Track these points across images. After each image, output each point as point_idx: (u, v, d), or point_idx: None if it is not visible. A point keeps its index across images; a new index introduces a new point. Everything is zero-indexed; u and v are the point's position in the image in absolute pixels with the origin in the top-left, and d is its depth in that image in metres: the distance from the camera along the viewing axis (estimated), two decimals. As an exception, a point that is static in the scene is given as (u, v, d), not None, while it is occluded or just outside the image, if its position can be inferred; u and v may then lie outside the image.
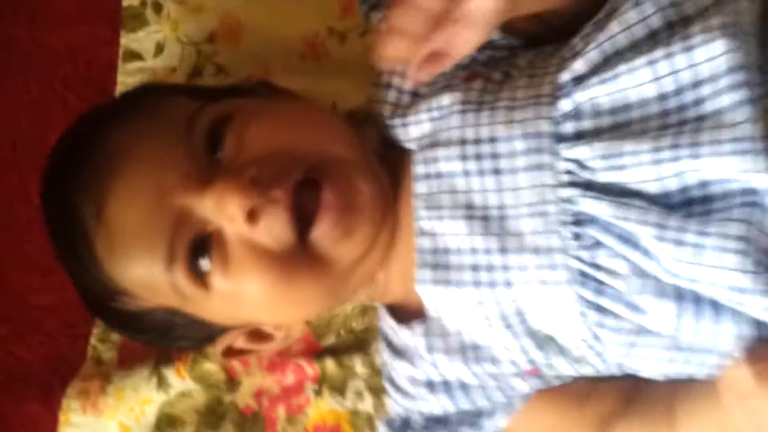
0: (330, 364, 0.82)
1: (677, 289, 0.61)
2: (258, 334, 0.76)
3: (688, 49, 0.60)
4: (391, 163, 0.73)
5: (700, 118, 0.60)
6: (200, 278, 0.67)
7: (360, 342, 0.83)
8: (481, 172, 0.66)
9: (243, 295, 0.67)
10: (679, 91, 0.61)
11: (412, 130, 0.72)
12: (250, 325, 0.75)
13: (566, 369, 0.69)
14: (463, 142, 0.67)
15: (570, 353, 0.67)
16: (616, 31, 0.63)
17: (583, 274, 0.63)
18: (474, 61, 0.73)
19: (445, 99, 0.69)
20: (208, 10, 0.92)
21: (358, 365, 0.82)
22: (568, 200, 0.63)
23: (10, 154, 0.96)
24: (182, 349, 0.85)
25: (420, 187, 0.69)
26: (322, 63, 0.90)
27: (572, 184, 0.63)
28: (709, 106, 0.60)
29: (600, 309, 0.63)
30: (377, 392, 0.81)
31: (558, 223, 0.63)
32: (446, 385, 0.71)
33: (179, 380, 0.85)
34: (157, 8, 0.93)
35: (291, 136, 0.69)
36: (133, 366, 0.86)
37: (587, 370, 0.69)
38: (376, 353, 0.82)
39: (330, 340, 0.84)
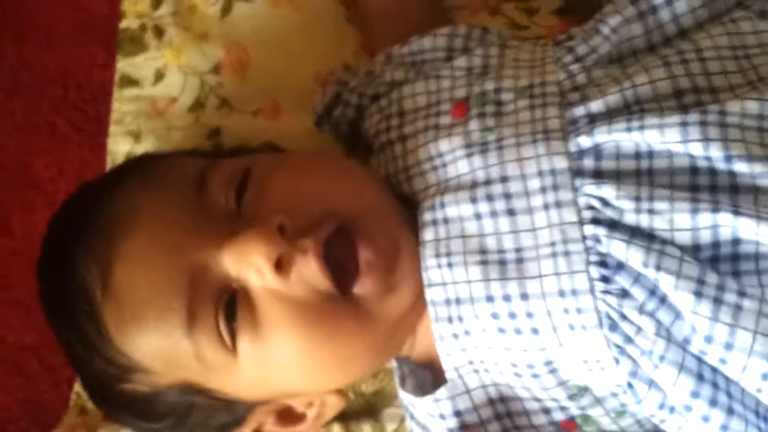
0: (337, 430, 0.77)
1: (699, 367, 0.59)
2: (287, 415, 0.70)
3: (723, 125, 0.58)
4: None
5: (735, 189, 0.58)
6: (227, 342, 0.61)
7: (370, 407, 0.78)
8: (494, 214, 0.62)
9: (277, 357, 0.62)
10: (708, 159, 0.59)
11: (416, 182, 0.68)
12: (279, 399, 0.69)
13: (605, 421, 0.65)
14: (473, 185, 0.63)
15: (608, 402, 0.64)
16: (641, 82, 0.61)
17: (611, 318, 0.60)
18: (439, 78, 0.70)
19: (444, 146, 0.65)
20: (214, 38, 0.86)
21: (368, 432, 0.77)
22: (593, 238, 0.60)
23: (-9, 182, 0.90)
24: None
25: (427, 234, 0.65)
26: (335, 103, 0.84)
27: (596, 222, 0.60)
28: (743, 181, 0.58)
29: (631, 357, 0.60)
30: (388, 463, 0.77)
31: (583, 263, 0.60)
32: None
33: (173, 438, 0.79)
34: (158, 33, 0.87)
35: (319, 186, 0.65)
36: (122, 420, 0.80)
37: (628, 423, 0.65)
38: (387, 420, 0.77)
39: (336, 402, 0.79)
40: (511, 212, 0.62)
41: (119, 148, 0.86)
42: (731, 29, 0.63)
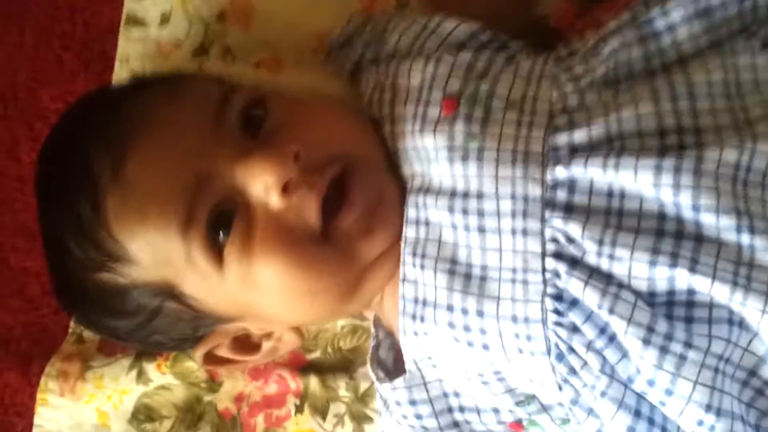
0: (314, 382, 0.81)
1: (638, 403, 0.61)
2: (243, 343, 0.74)
3: (698, 172, 0.58)
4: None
5: (699, 239, 0.59)
6: (216, 249, 0.64)
7: (346, 362, 0.82)
8: (467, 228, 0.64)
9: (258, 274, 0.64)
10: (677, 206, 0.59)
11: (404, 167, 0.69)
12: (245, 319, 0.71)
13: (551, 426, 0.68)
14: (452, 193, 0.65)
15: (554, 411, 0.67)
16: (626, 116, 0.61)
17: (559, 349, 0.62)
18: (439, 62, 0.69)
19: (429, 141, 0.66)
20: (219, -15, 0.86)
21: (342, 388, 0.81)
22: (553, 272, 0.61)
23: (0, 109, 0.92)
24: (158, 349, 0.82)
25: (409, 232, 0.67)
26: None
27: (558, 256, 0.61)
28: (708, 232, 0.58)
29: (574, 387, 0.62)
30: (359, 419, 0.81)
31: (539, 294, 0.62)
32: None
33: (159, 374, 0.84)
34: (166, -25, 0.87)
35: (333, 128, 0.68)
36: (114, 353, 0.85)
37: (574, 430, 0.68)
38: (362, 378, 0.81)
39: (315, 354, 0.83)
40: (481, 230, 0.63)
41: (123, 87, 0.87)
42: (728, 62, 0.61)
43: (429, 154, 0.66)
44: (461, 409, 0.69)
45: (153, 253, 0.65)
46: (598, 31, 0.67)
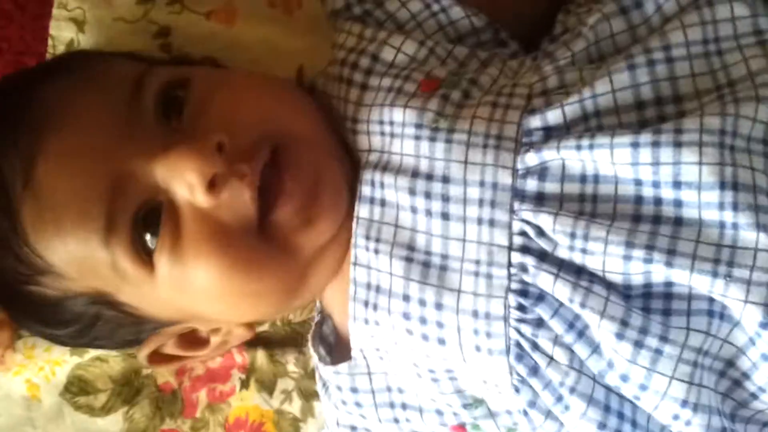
0: (261, 357, 0.77)
1: (607, 398, 0.58)
2: (190, 339, 0.69)
3: (678, 144, 0.54)
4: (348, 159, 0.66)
5: (678, 222, 0.55)
6: (144, 255, 0.59)
7: (296, 336, 0.77)
8: (428, 213, 0.60)
9: (193, 278, 0.59)
10: (656, 184, 0.55)
11: (360, 139, 0.64)
12: (189, 321, 0.67)
13: None
14: (414, 174, 0.60)
15: (500, 418, 0.63)
16: (602, 92, 0.57)
17: (521, 347, 0.58)
18: (432, 53, 0.65)
19: (397, 115, 0.62)
20: (169, -74, 0.80)
21: (291, 364, 0.77)
22: (519, 266, 0.57)
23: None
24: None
25: (362, 211, 0.62)
26: (293, 15, 0.79)
27: (525, 250, 0.57)
28: (689, 213, 0.55)
29: (533, 388, 0.59)
30: (307, 396, 0.77)
31: (503, 289, 0.58)
32: None
33: (96, 345, 0.78)
34: None
35: (260, 107, 0.62)
36: (46, 321, 0.79)
37: None
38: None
39: (263, 327, 0.78)
40: (445, 216, 0.59)
41: (62, 34, 0.80)
42: (706, 16, 0.57)
43: (394, 129, 0.62)
44: (403, 407, 0.65)
45: (77, 265, 0.60)
46: (578, 16, 0.64)
